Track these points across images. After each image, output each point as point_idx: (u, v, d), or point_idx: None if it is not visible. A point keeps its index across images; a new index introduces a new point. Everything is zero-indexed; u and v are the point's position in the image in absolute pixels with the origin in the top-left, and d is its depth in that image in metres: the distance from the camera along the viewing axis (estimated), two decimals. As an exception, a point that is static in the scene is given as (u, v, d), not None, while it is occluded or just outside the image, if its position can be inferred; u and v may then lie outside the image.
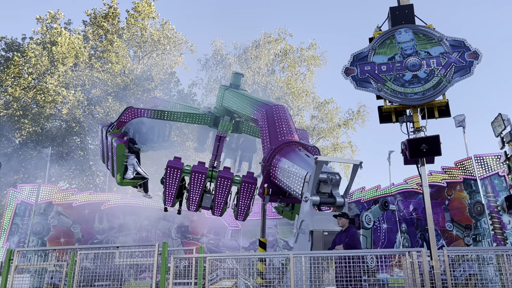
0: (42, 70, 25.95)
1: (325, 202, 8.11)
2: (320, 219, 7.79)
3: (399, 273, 14.71)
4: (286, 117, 10.62)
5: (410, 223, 16.74)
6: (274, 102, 11.60)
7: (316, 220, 7.71)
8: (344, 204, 8.06)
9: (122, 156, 11.27)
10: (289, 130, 10.22)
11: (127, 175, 11.44)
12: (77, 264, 7.49)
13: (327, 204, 8.25)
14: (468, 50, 7.40)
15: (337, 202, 8.04)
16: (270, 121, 10.45)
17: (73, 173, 27.29)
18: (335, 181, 8.09)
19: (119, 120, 11.86)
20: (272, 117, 10.52)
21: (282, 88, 32.42)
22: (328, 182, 8.04)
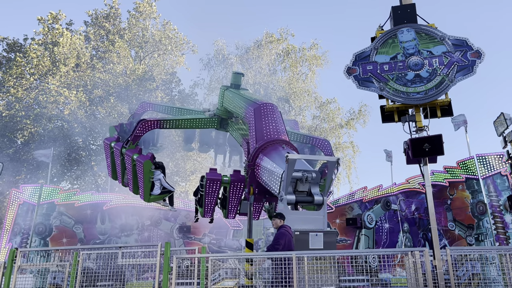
0: (44, 70, 25.99)
1: (302, 200, 7.87)
2: (296, 219, 7.59)
3: (401, 273, 14.70)
4: (274, 116, 10.44)
5: (412, 223, 16.72)
6: (263, 100, 11.26)
7: (291, 220, 7.51)
8: (323, 202, 7.78)
9: (149, 173, 11.04)
10: (275, 128, 10.05)
11: (154, 191, 11.22)
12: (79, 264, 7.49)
13: (305, 203, 8.00)
14: (471, 49, 7.38)
15: (315, 200, 7.79)
16: (257, 120, 10.36)
17: (75, 174, 27.34)
18: (312, 179, 7.80)
19: (134, 135, 11.48)
20: (260, 116, 10.42)
21: (284, 88, 32.40)
22: (303, 180, 7.79)
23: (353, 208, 17.42)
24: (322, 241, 7.33)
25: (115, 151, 11.75)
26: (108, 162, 12.41)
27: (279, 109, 11.11)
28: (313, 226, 7.54)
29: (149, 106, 14.80)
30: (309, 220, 7.66)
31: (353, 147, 32.53)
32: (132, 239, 17.38)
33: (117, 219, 17.57)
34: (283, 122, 10.73)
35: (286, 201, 7.57)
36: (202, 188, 10.64)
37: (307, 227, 7.46)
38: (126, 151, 11.29)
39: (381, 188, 17.44)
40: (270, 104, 10.91)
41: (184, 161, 29.01)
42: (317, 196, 7.80)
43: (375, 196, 17.33)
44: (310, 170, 7.94)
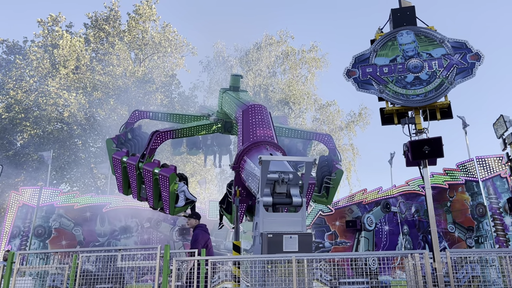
0: (43, 73, 26.01)
1: (280, 202, 7.70)
2: (273, 221, 7.44)
3: (401, 275, 14.68)
4: (261, 117, 10.33)
5: (412, 225, 16.71)
6: (254, 102, 11.15)
7: (268, 222, 7.40)
8: (302, 204, 7.62)
9: (175, 186, 10.88)
10: (262, 130, 9.94)
11: (179, 203, 11.04)
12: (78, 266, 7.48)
13: (283, 205, 7.83)
14: (470, 52, 7.39)
15: (293, 202, 7.62)
16: (245, 122, 10.28)
17: (75, 176, 27.33)
18: (289, 180, 7.62)
19: (150, 148, 11.22)
20: (247, 117, 10.34)
21: (284, 90, 32.43)
22: (279, 182, 7.61)
23: (353, 210, 17.41)
24: (297, 244, 7.24)
25: (128, 166, 11.22)
26: (119, 178, 11.83)
27: (268, 110, 10.93)
28: (291, 228, 7.38)
29: (142, 115, 14.05)
30: (287, 222, 7.49)
31: (353, 150, 32.55)
32: (131, 241, 17.37)
33: (117, 221, 17.55)
34: (272, 123, 10.60)
35: (262, 203, 7.52)
36: (230, 195, 10.41)
37: (285, 229, 7.37)
38: (144, 166, 10.88)
39: (381, 190, 17.43)
40: (259, 105, 10.81)
41: (184, 163, 29.02)
42: (295, 198, 7.64)
43: (375, 198, 17.32)
44: (287, 171, 7.76)
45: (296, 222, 7.52)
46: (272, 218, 7.51)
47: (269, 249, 7.07)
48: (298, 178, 7.81)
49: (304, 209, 7.63)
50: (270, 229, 7.27)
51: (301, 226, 7.47)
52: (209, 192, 31.49)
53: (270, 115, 10.84)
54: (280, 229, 7.29)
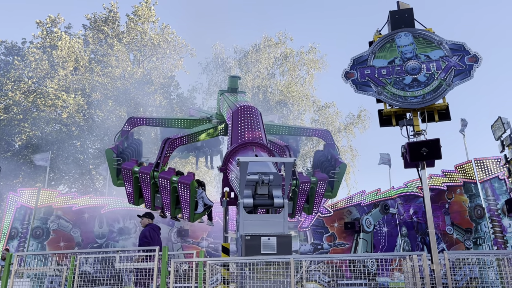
0: (42, 74, 25.99)
1: (261, 204, 7.70)
2: (253, 222, 7.42)
3: (399, 277, 14.69)
4: (250, 118, 10.29)
5: (410, 227, 16.72)
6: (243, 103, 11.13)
7: (248, 224, 7.39)
8: (284, 205, 7.59)
9: (194, 193, 10.79)
10: (250, 131, 9.92)
11: (198, 210, 10.95)
12: (76, 268, 7.47)
13: (265, 206, 7.83)
14: (468, 54, 7.41)
15: (275, 203, 7.60)
16: (234, 123, 10.29)
17: (73, 177, 27.29)
18: (270, 181, 7.59)
19: (164, 156, 11.09)
20: (236, 119, 10.34)
21: (283, 91, 32.47)
22: (259, 183, 7.59)
23: (351, 212, 17.42)
24: (275, 246, 7.23)
25: (141, 176, 10.93)
26: (130, 188, 11.50)
27: (259, 111, 10.88)
28: (272, 229, 7.35)
29: (138, 121, 13.63)
30: (269, 223, 7.46)
31: (351, 151, 32.58)
32: (129, 242, 17.34)
33: (115, 222, 17.53)
34: (262, 124, 10.55)
35: (242, 205, 7.51)
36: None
37: (266, 231, 7.34)
38: (160, 174, 10.66)
39: (379, 192, 17.45)
40: (249, 106, 10.77)
41: (183, 165, 29.01)
42: (277, 199, 7.61)
43: (374, 200, 17.34)
44: (268, 172, 7.71)
45: (278, 223, 7.48)
46: (253, 220, 7.49)
47: (247, 251, 7.07)
48: (280, 179, 7.75)
49: (286, 210, 7.59)
50: (250, 231, 7.24)
51: (283, 228, 7.43)
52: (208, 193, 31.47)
53: (261, 116, 10.77)
54: (261, 231, 7.25)
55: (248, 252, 7.07)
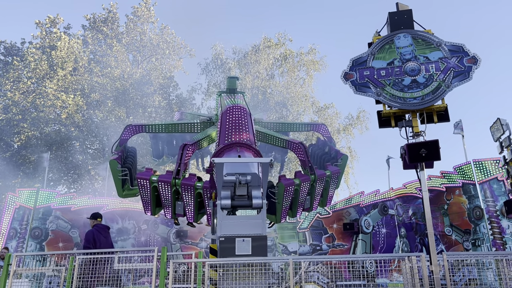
0: (41, 74, 25.97)
1: (239, 205, 7.67)
2: (231, 224, 7.43)
3: (398, 278, 14.70)
4: (238, 118, 10.27)
5: (409, 228, 16.72)
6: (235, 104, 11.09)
7: (226, 225, 7.39)
8: (262, 205, 7.55)
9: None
10: (236, 132, 9.89)
11: None
12: (75, 269, 7.46)
13: (243, 207, 7.80)
14: (467, 55, 7.43)
15: (253, 204, 7.55)
16: (222, 124, 10.29)
17: (72, 178, 27.27)
18: (247, 182, 7.54)
19: (183, 163, 10.76)
20: (224, 119, 10.35)
21: (282, 92, 32.48)
22: (236, 184, 7.56)
23: (350, 213, 17.42)
24: (250, 247, 7.21)
25: (160, 184, 10.60)
26: (148, 198, 11.06)
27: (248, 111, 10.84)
28: (250, 231, 7.34)
29: (136, 129, 13.08)
30: (247, 224, 7.44)
31: (350, 152, 32.58)
32: (128, 243, 17.32)
33: (114, 223, 17.51)
34: (251, 124, 10.51)
35: (220, 206, 7.49)
36: (275, 196, 10.30)
37: (244, 232, 7.32)
38: (183, 181, 10.40)
39: (378, 193, 17.45)
40: (237, 106, 10.75)
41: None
42: (255, 200, 7.57)
43: (372, 201, 17.34)
44: (246, 173, 7.64)
45: (256, 224, 7.47)
46: (231, 221, 7.49)
47: (222, 252, 7.07)
48: (259, 180, 7.68)
49: (264, 211, 7.55)
50: (228, 232, 7.22)
51: (261, 229, 7.41)
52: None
53: (250, 116, 10.73)
54: (239, 232, 7.23)
55: (223, 253, 7.05)
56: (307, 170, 10.68)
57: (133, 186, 11.35)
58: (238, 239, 7.20)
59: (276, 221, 10.85)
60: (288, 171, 30.30)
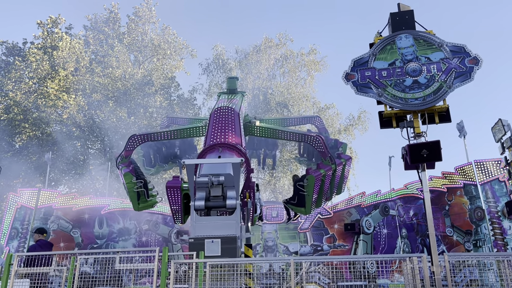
0: (43, 74, 26.00)
1: (214, 206, 7.70)
2: (205, 225, 7.48)
3: (399, 278, 14.68)
4: (224, 119, 10.35)
5: (410, 228, 16.71)
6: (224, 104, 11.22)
7: (199, 226, 7.44)
8: (236, 206, 7.56)
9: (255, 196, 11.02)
10: (219, 132, 9.97)
11: (257, 212, 11.03)
12: (76, 269, 7.47)
13: (217, 208, 7.82)
14: (469, 56, 7.42)
15: (227, 205, 7.59)
16: (210, 125, 10.40)
17: (73, 178, 27.29)
18: (219, 183, 7.58)
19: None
20: (212, 120, 10.45)
21: (283, 93, 32.47)
22: (209, 185, 7.61)
23: (352, 213, 17.41)
24: (219, 248, 7.20)
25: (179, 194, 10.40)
26: (178, 207, 10.72)
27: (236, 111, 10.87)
28: (224, 232, 7.36)
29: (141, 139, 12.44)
30: (221, 225, 7.48)
31: (351, 153, 32.54)
32: (129, 243, 17.33)
33: (115, 223, 17.53)
34: (237, 124, 10.56)
35: (193, 207, 7.49)
36: (304, 188, 10.71)
37: (218, 233, 7.32)
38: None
39: (379, 193, 17.44)
40: (225, 107, 10.82)
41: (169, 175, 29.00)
42: (229, 201, 7.59)
43: (374, 201, 17.33)
44: (218, 173, 7.68)
45: (230, 225, 7.52)
46: (205, 222, 7.55)
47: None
48: (233, 180, 7.70)
49: (238, 211, 7.55)
50: (201, 233, 7.27)
51: (235, 229, 7.41)
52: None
53: (238, 117, 10.77)
54: (213, 233, 7.26)
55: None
56: (327, 160, 11.12)
57: (148, 198, 11.34)
58: (207, 240, 7.23)
59: (306, 213, 11.25)
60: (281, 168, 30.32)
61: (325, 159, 11.25)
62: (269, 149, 15.66)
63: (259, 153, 15.76)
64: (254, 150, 15.62)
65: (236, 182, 7.67)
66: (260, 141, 15.27)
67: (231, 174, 7.74)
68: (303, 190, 10.76)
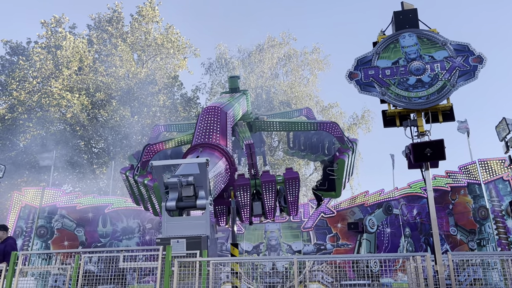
0: (46, 74, 26.07)
1: (185, 206, 7.75)
2: (176, 225, 7.54)
3: (403, 277, 14.67)
4: (210, 119, 10.40)
5: (413, 228, 16.68)
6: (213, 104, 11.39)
7: (171, 227, 7.51)
8: (206, 206, 7.60)
9: None
10: (202, 132, 10.04)
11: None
12: (80, 267, 7.50)
13: (188, 208, 7.87)
14: (472, 55, 7.40)
15: (197, 205, 7.64)
16: (196, 126, 10.50)
17: (77, 177, 27.37)
18: (187, 182, 7.60)
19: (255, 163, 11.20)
20: (197, 121, 10.54)
21: (286, 92, 32.45)
22: (178, 185, 7.63)
23: (355, 212, 17.40)
24: (184, 248, 7.24)
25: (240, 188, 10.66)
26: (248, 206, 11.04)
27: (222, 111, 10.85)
28: (194, 231, 7.39)
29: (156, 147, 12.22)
30: (192, 225, 7.52)
31: (355, 152, 32.45)
32: (133, 242, 17.39)
33: (119, 222, 17.59)
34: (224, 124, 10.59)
35: (165, 208, 7.55)
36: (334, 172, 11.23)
37: (189, 233, 7.36)
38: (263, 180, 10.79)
39: (383, 192, 17.42)
40: (212, 107, 10.85)
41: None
42: (199, 200, 7.64)
43: (377, 200, 17.31)
44: (187, 174, 7.71)
45: (200, 225, 7.55)
46: (176, 223, 7.61)
47: None
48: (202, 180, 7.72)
49: (207, 211, 7.58)
50: (172, 233, 7.34)
51: (205, 229, 7.44)
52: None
53: (226, 116, 10.78)
54: (184, 233, 7.33)
55: None
56: (346, 144, 11.80)
57: None
58: (173, 240, 7.31)
59: (336, 196, 11.97)
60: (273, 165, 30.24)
61: (343, 144, 11.91)
62: (257, 146, 15.77)
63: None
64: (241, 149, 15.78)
65: (203, 182, 7.67)
66: None
67: (199, 174, 7.79)
68: (333, 174, 11.32)
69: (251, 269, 11.89)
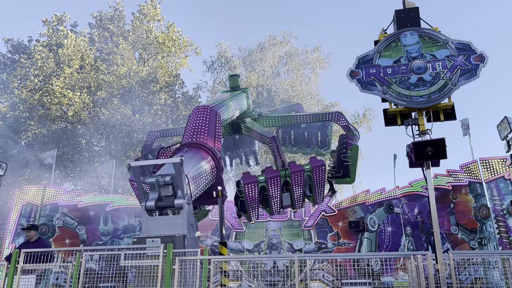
0: (48, 72, 26.10)
1: (163, 206, 7.83)
2: (155, 225, 7.61)
3: (403, 276, 14.67)
4: (197, 119, 10.48)
5: (415, 226, 16.68)
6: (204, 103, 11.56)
7: (150, 226, 7.59)
8: (183, 205, 7.66)
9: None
10: (189, 132, 10.13)
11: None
12: (82, 265, 7.52)
13: (166, 208, 7.94)
14: (474, 53, 7.39)
15: (175, 204, 7.71)
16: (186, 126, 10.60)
17: (78, 175, 27.42)
18: (164, 182, 7.65)
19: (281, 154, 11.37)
20: (187, 122, 10.63)
21: (287, 90, 32.42)
22: (155, 185, 7.70)
23: (356, 211, 17.39)
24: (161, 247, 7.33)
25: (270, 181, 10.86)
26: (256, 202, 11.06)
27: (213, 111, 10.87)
28: (172, 231, 7.46)
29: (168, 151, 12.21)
30: (170, 225, 7.57)
31: (356, 150, 32.40)
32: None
33: (120, 220, 17.61)
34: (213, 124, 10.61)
35: (144, 207, 7.62)
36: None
37: (167, 232, 7.42)
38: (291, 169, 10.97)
39: (384, 191, 17.40)
40: (202, 107, 10.90)
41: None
42: (176, 200, 7.70)
43: (378, 199, 17.29)
44: (165, 174, 7.78)
45: (178, 224, 7.58)
46: (155, 222, 7.66)
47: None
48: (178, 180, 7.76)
49: (185, 211, 7.63)
50: (152, 233, 7.39)
51: (182, 228, 7.49)
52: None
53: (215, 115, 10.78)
54: (162, 232, 7.40)
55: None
56: (352, 132, 12.28)
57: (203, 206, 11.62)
58: (148, 239, 7.39)
59: (351, 182, 12.52)
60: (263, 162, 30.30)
61: (349, 132, 12.35)
62: (247, 146, 15.89)
63: (239, 152, 15.95)
64: (232, 150, 15.86)
65: (179, 182, 7.70)
66: (236, 140, 15.54)
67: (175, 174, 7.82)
68: (347, 160, 11.84)
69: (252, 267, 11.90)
